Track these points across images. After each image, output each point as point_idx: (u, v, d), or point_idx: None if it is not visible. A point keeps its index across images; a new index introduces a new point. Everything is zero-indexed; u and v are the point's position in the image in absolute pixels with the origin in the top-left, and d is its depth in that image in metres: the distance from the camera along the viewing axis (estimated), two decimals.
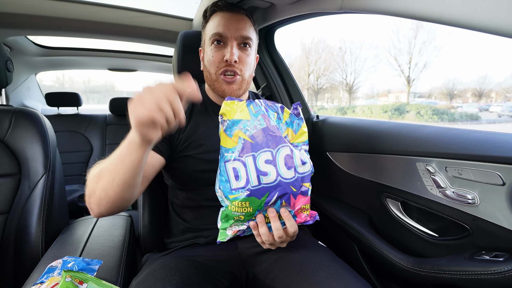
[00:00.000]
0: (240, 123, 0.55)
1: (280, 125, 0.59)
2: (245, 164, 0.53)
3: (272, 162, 0.53)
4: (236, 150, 0.54)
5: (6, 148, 0.80)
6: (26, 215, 0.77)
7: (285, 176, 0.53)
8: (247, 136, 0.54)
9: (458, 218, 0.62)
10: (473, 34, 0.71)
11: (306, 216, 0.57)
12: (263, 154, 0.53)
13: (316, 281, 0.55)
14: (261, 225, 0.56)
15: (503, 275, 0.50)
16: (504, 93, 10.92)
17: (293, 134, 0.60)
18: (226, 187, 0.55)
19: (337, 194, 1.01)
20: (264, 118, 0.56)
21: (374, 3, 0.56)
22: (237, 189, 0.54)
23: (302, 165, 0.55)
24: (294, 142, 0.60)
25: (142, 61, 2.06)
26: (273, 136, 0.55)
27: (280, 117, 0.60)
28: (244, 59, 0.71)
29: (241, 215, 0.55)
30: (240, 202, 0.53)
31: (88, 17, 1.19)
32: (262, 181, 0.53)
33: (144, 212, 0.83)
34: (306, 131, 0.62)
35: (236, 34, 0.69)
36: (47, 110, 2.26)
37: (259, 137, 0.54)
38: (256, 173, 0.53)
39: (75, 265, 0.60)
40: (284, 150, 0.54)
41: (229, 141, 0.55)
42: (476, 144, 0.58)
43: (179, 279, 0.55)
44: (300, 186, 0.55)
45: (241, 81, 0.72)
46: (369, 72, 14.66)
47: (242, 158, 0.54)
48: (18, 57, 1.68)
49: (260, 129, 0.54)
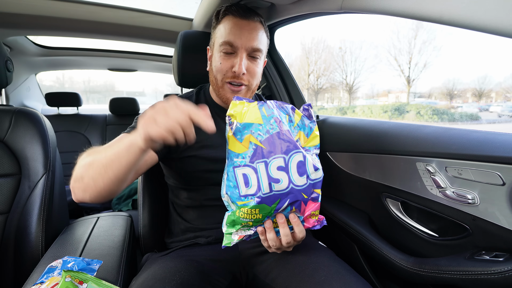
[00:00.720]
0: (252, 127, 0.53)
1: (291, 128, 0.57)
2: (257, 171, 0.51)
3: (285, 168, 0.51)
4: (247, 156, 0.52)
5: (6, 148, 0.80)
6: (26, 215, 0.77)
7: (297, 183, 0.52)
8: (259, 142, 0.52)
9: (458, 218, 0.62)
10: (473, 34, 0.70)
11: (315, 221, 0.56)
12: (275, 160, 0.51)
13: (316, 281, 0.55)
14: (269, 231, 0.55)
15: (503, 275, 0.50)
16: (504, 93, 10.91)
17: (305, 138, 0.59)
18: (234, 193, 0.53)
19: (337, 194, 1.01)
20: (277, 122, 0.54)
21: (374, 3, 0.56)
22: (247, 196, 0.52)
23: (315, 171, 0.54)
24: (305, 146, 0.58)
25: (142, 61, 2.07)
26: (286, 141, 0.53)
27: (292, 120, 0.58)
28: (252, 69, 0.70)
29: (249, 221, 0.53)
30: (250, 209, 0.52)
31: (88, 17, 1.19)
32: (274, 188, 0.51)
33: (144, 212, 0.83)
34: (318, 134, 0.60)
35: (248, 45, 0.67)
36: (47, 110, 2.26)
37: (271, 143, 0.52)
38: (268, 180, 0.51)
39: (75, 265, 0.60)
40: (297, 157, 0.52)
41: (239, 145, 0.53)
42: (476, 144, 0.58)
43: (178, 279, 0.55)
44: (311, 192, 0.54)
45: (246, 91, 0.71)
46: (369, 72, 14.65)
47: (253, 164, 0.52)
48: (18, 57, 1.68)
49: (273, 134, 0.52)
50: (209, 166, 0.69)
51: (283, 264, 0.63)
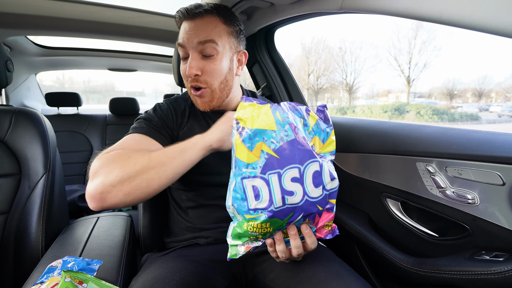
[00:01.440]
0: (264, 133, 0.47)
1: (306, 134, 0.52)
2: (269, 183, 0.46)
3: (300, 180, 0.47)
4: (257, 166, 0.47)
5: (6, 148, 0.80)
6: (26, 215, 0.77)
7: (313, 195, 0.48)
8: (272, 151, 0.47)
9: (458, 218, 0.62)
10: (473, 34, 0.70)
11: (328, 231, 0.53)
12: (290, 171, 0.47)
13: (316, 281, 0.55)
14: (279, 243, 0.51)
15: (503, 275, 0.50)
16: (504, 93, 10.92)
17: (321, 144, 0.53)
18: (242, 206, 0.48)
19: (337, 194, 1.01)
20: (292, 128, 0.49)
21: (374, 3, 0.56)
22: (257, 210, 0.47)
23: (331, 181, 0.50)
24: (321, 153, 0.53)
25: (142, 61, 2.07)
26: (301, 150, 0.48)
27: (306, 123, 0.53)
28: (208, 68, 0.63)
29: (259, 235, 0.49)
30: (260, 223, 0.47)
31: (88, 17, 1.19)
32: (287, 201, 0.47)
33: (144, 212, 0.83)
34: (334, 139, 0.55)
35: (194, 42, 0.62)
36: (47, 110, 2.26)
37: (286, 152, 0.47)
38: (281, 194, 0.46)
39: (75, 265, 0.60)
40: (313, 166, 0.48)
41: (248, 154, 0.47)
42: (476, 144, 0.58)
43: (178, 279, 0.55)
44: (326, 203, 0.51)
45: (210, 93, 0.66)
46: (369, 72, 14.68)
47: (265, 176, 0.46)
48: (18, 57, 1.68)
49: (287, 142, 0.47)
50: (208, 168, 0.69)
51: (283, 264, 0.63)
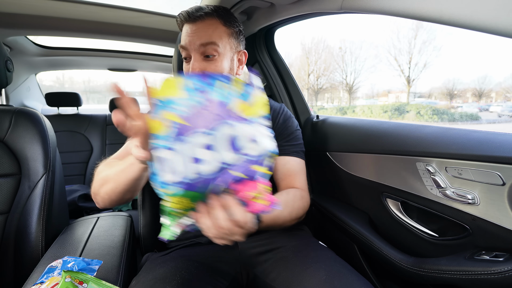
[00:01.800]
0: (172, 102, 0.44)
1: (227, 98, 0.46)
2: (179, 154, 0.42)
3: (213, 146, 0.43)
4: (166, 136, 0.43)
5: (6, 148, 0.80)
6: (26, 215, 0.77)
7: (229, 161, 0.43)
8: (181, 118, 0.43)
9: (458, 218, 0.62)
10: (473, 34, 0.70)
11: (263, 206, 0.47)
12: (201, 138, 0.43)
13: (317, 281, 0.55)
14: (203, 217, 0.46)
15: (503, 275, 0.50)
16: (504, 93, 10.92)
17: (247, 107, 0.48)
18: (156, 180, 0.44)
19: (337, 194, 1.01)
20: (205, 93, 0.45)
21: (374, 3, 0.56)
22: (170, 184, 0.43)
23: (253, 145, 0.45)
24: (248, 117, 0.48)
25: (142, 61, 2.06)
26: (214, 114, 0.44)
27: (229, 89, 0.47)
28: (210, 69, 0.66)
29: (183, 211, 0.47)
30: (178, 198, 0.44)
31: (88, 17, 1.19)
32: (201, 171, 0.42)
33: (144, 212, 0.83)
34: (266, 101, 0.49)
35: (196, 44, 0.65)
36: (47, 110, 2.26)
37: (195, 118, 0.43)
38: (194, 163, 0.42)
39: (75, 265, 0.60)
40: (227, 129, 0.44)
41: (156, 125, 0.43)
42: (476, 144, 0.58)
43: (179, 279, 0.55)
44: (250, 170, 0.46)
45: None
46: (369, 72, 14.69)
47: (174, 145, 0.42)
48: (18, 57, 1.68)
49: (198, 108, 0.44)
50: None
51: (283, 264, 0.63)
